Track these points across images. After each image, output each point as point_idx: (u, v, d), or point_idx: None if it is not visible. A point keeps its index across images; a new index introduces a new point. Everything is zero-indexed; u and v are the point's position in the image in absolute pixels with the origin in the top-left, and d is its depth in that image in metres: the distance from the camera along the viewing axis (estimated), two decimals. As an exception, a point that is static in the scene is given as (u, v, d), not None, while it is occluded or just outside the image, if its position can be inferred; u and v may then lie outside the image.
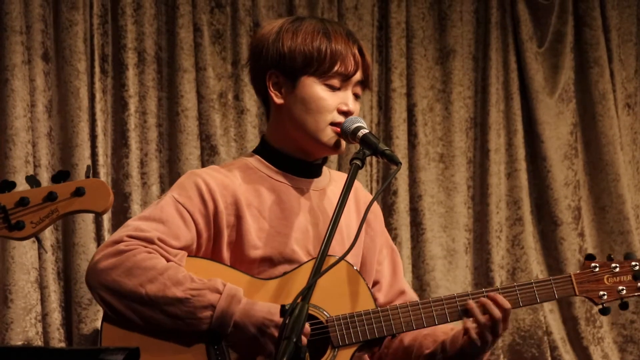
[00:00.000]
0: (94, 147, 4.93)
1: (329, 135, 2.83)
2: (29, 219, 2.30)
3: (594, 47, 5.69)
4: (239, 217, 2.81)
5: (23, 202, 2.30)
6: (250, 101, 5.23)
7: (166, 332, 2.72)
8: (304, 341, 2.54)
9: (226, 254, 2.81)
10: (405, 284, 3.03)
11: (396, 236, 5.38)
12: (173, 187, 2.84)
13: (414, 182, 5.51)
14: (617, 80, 5.73)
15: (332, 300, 2.77)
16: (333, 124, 2.82)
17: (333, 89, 2.84)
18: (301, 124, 2.83)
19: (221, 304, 2.66)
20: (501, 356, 5.50)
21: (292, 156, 2.89)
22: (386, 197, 5.44)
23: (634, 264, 2.87)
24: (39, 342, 4.73)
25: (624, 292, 2.86)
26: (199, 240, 2.79)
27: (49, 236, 4.85)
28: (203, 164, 5.11)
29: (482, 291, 2.82)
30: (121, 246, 2.69)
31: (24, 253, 4.74)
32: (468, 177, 5.59)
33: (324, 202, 2.90)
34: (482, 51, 5.63)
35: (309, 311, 2.57)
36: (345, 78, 2.84)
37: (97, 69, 4.98)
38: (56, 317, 4.84)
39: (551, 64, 5.70)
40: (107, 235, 4.88)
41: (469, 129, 5.60)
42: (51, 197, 2.31)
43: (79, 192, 2.32)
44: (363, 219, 2.65)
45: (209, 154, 5.16)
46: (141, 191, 5.04)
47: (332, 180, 2.94)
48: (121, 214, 4.97)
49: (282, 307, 2.47)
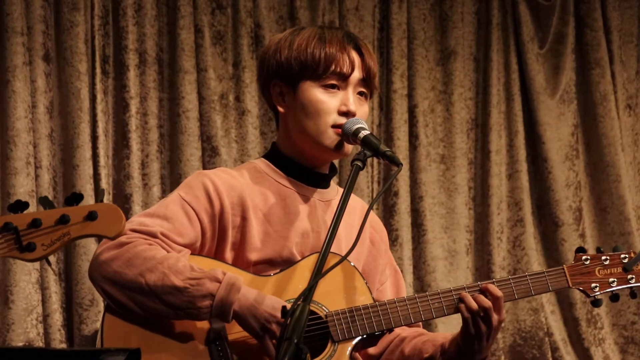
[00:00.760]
0: (95, 148, 4.93)
1: (330, 137, 2.84)
2: (40, 241, 2.27)
3: (595, 48, 5.69)
4: (244, 218, 2.83)
5: (35, 223, 2.27)
6: (252, 102, 5.23)
7: (168, 326, 2.73)
8: None
9: (229, 255, 2.82)
10: None
11: (397, 237, 5.38)
12: (180, 186, 2.87)
13: (415, 183, 5.51)
14: (618, 81, 5.73)
15: (331, 296, 2.80)
16: (334, 126, 2.83)
17: (332, 90, 2.85)
18: (303, 129, 2.85)
19: (220, 293, 2.66)
20: (502, 357, 5.49)
21: (299, 163, 2.92)
22: (387, 198, 5.44)
23: (622, 256, 2.95)
24: (40, 343, 4.72)
25: (615, 283, 2.94)
26: (203, 239, 2.80)
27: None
28: (204, 165, 5.12)
29: (478, 284, 2.88)
30: (122, 239, 2.71)
31: (25, 254, 4.74)
32: (469, 178, 5.59)
33: (327, 213, 2.92)
34: (483, 52, 5.63)
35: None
36: (343, 78, 2.86)
37: (98, 70, 4.98)
38: (57, 318, 4.84)
39: (552, 65, 5.69)
40: (108, 237, 4.87)
41: (470, 130, 5.60)
42: (63, 220, 2.28)
43: (91, 217, 2.29)
44: (364, 220, 2.65)
45: (210, 155, 5.16)
46: (142, 192, 5.04)
47: (340, 195, 2.95)
48: (122, 215, 4.97)
49: (284, 308, 2.48)
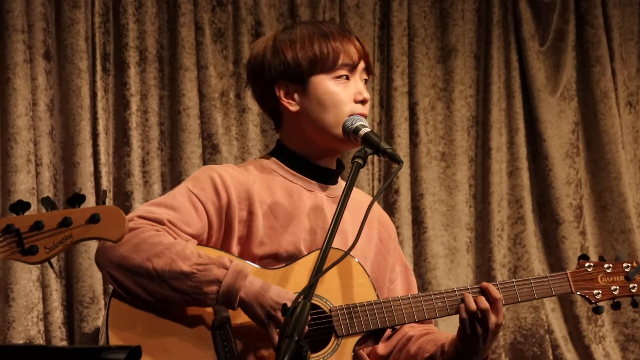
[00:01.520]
0: (95, 145, 4.93)
1: None
2: (42, 244, 2.25)
3: (596, 46, 5.68)
4: (250, 212, 2.84)
5: (38, 226, 2.24)
6: (252, 100, 5.20)
7: (173, 312, 2.73)
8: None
9: (236, 249, 2.83)
10: None
11: (398, 235, 5.36)
12: (187, 179, 2.89)
13: (415, 181, 5.51)
14: (618, 78, 5.72)
15: (335, 291, 2.80)
16: (352, 114, 2.86)
17: (344, 81, 2.87)
18: (321, 123, 2.86)
19: (227, 279, 2.67)
20: (503, 355, 5.50)
21: (308, 160, 2.92)
22: (388, 195, 5.44)
23: (625, 265, 2.98)
24: (40, 341, 4.73)
25: (617, 291, 2.95)
26: (209, 231, 2.81)
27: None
28: (205, 163, 5.11)
29: (480, 286, 2.87)
30: (130, 224, 2.70)
31: (25, 252, 4.74)
32: (470, 176, 5.59)
33: (335, 209, 2.91)
34: (483, 50, 5.62)
35: (313, 301, 2.60)
36: (352, 67, 2.89)
37: (98, 68, 4.98)
38: (58, 316, 4.84)
39: (553, 63, 5.69)
40: (108, 234, 4.87)
41: (470, 127, 5.60)
42: (66, 222, 2.26)
43: (94, 219, 2.28)
44: (366, 215, 2.66)
45: (210, 153, 5.16)
46: (143, 190, 5.04)
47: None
48: (122, 213, 4.97)
49: (284, 305, 2.48)
